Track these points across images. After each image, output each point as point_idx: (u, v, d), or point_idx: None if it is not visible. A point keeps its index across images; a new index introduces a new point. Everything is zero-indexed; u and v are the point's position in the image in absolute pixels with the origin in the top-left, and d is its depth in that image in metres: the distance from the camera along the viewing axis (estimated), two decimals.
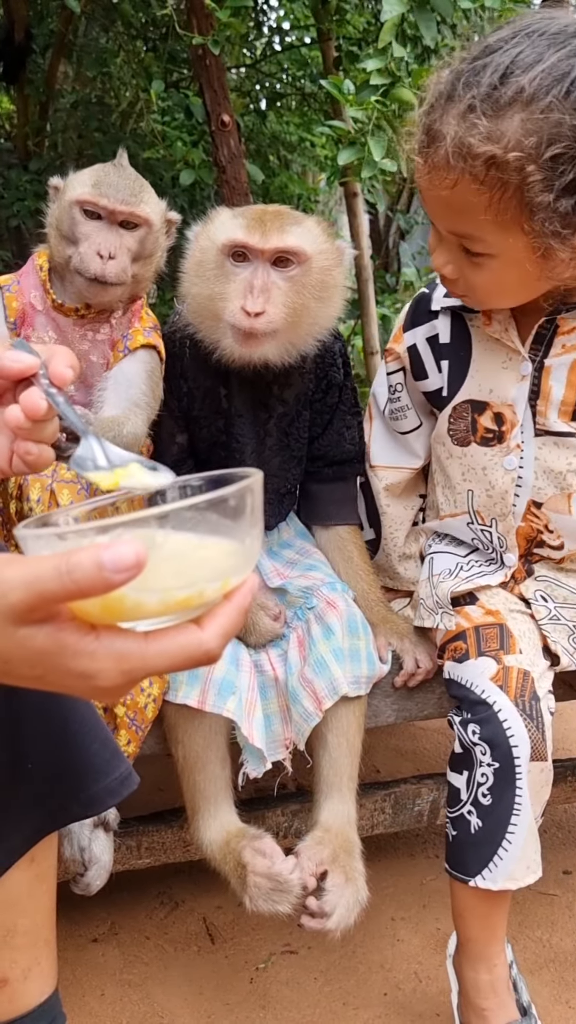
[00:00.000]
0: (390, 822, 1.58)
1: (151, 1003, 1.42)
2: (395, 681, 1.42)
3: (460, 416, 1.39)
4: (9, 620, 0.63)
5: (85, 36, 5.95)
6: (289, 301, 1.26)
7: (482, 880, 1.22)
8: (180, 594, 0.62)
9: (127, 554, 0.58)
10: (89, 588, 0.60)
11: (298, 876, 1.20)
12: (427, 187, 1.16)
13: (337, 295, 1.34)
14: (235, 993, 1.45)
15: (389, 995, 1.45)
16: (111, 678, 0.64)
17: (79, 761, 1.04)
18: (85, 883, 1.27)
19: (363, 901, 1.25)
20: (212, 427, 1.43)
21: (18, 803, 1.01)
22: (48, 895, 1.10)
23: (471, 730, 1.24)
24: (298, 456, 1.48)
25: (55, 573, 0.60)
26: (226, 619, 0.66)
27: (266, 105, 6.36)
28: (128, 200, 1.29)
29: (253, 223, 1.26)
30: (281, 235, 1.25)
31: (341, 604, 1.37)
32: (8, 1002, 1.06)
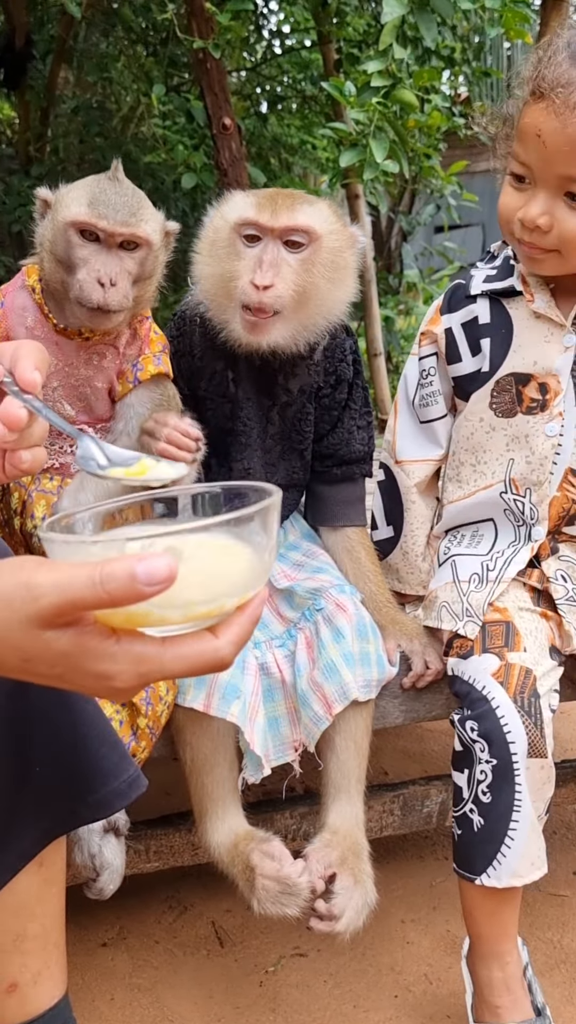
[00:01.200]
0: (399, 824, 1.58)
1: (161, 1007, 1.42)
2: (403, 682, 1.42)
3: (504, 389, 1.42)
4: (35, 623, 0.65)
5: (85, 41, 5.97)
6: (299, 279, 1.26)
7: (487, 878, 1.23)
8: (202, 608, 0.65)
9: (160, 567, 0.60)
10: (121, 598, 0.62)
11: (307, 879, 1.20)
12: (554, 128, 1.21)
13: (348, 277, 1.34)
14: (245, 996, 1.45)
15: (399, 997, 1.45)
16: (128, 680, 0.67)
17: (87, 764, 1.04)
18: (98, 888, 1.26)
19: (372, 903, 1.25)
20: (218, 411, 1.43)
21: (27, 807, 1.01)
22: (57, 899, 1.10)
23: (469, 727, 1.24)
24: (299, 449, 1.47)
25: (88, 582, 0.62)
26: (240, 628, 0.69)
27: (267, 108, 6.38)
28: (128, 221, 1.22)
29: (264, 202, 1.28)
30: (291, 213, 1.26)
31: (350, 607, 1.36)
32: (18, 1006, 1.06)
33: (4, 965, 1.05)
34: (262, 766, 1.30)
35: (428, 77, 3.44)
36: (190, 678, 1.29)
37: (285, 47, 6.19)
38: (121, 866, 1.27)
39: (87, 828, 1.23)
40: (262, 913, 1.21)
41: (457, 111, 4.45)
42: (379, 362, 5.64)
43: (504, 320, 1.44)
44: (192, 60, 3.97)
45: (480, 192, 6.02)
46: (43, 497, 1.29)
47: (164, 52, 5.34)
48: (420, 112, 3.48)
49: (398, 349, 6.89)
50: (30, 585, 0.65)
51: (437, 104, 3.72)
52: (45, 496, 1.29)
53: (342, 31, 4.63)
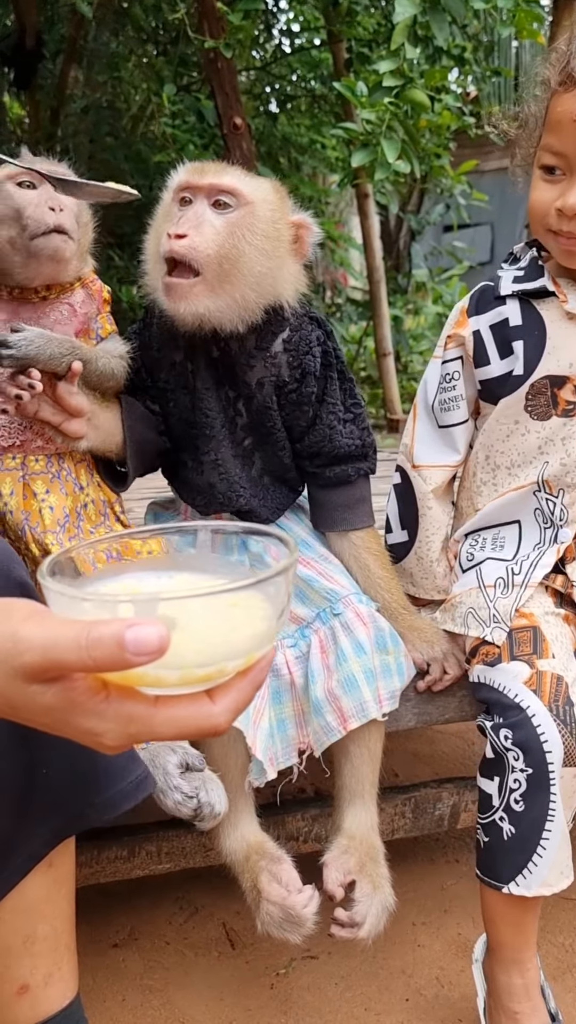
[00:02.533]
0: (410, 826, 1.57)
1: (172, 1008, 1.42)
2: (419, 685, 1.41)
3: (539, 392, 1.41)
4: (20, 676, 0.63)
5: (96, 41, 5.98)
6: (222, 240, 1.24)
7: (515, 887, 1.22)
8: (201, 672, 0.62)
9: (150, 637, 0.58)
10: (107, 666, 0.59)
11: (311, 910, 1.19)
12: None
13: (283, 252, 1.30)
14: (256, 998, 1.44)
15: (411, 1001, 1.44)
16: (115, 738, 0.65)
17: (94, 765, 1.04)
18: (207, 804, 1.18)
19: (391, 907, 1.25)
20: (180, 403, 1.40)
21: (35, 809, 1.01)
22: (67, 900, 1.10)
23: (503, 735, 1.23)
24: (271, 442, 1.42)
25: (74, 645, 0.60)
26: (239, 694, 0.66)
27: (277, 108, 6.37)
28: (56, 168, 1.27)
29: (197, 166, 1.29)
30: (218, 175, 1.26)
31: (368, 618, 1.34)
32: (30, 1008, 1.06)
33: (14, 967, 1.05)
34: (264, 771, 1.29)
35: (439, 77, 3.43)
36: None
37: (295, 46, 6.19)
38: (218, 783, 1.20)
39: (163, 773, 1.18)
40: (264, 933, 1.21)
41: (467, 110, 4.44)
42: (388, 362, 5.64)
43: (536, 322, 1.42)
44: (203, 60, 3.97)
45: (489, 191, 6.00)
46: (7, 475, 1.28)
47: (174, 52, 5.34)
48: (431, 112, 3.47)
49: (407, 349, 6.88)
50: (16, 638, 0.63)
51: (448, 104, 3.70)
52: (9, 474, 1.28)
53: (352, 30, 4.62)
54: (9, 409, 1.26)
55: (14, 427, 1.29)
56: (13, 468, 1.28)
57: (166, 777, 1.19)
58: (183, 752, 1.21)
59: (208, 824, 1.19)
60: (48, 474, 1.29)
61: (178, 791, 1.18)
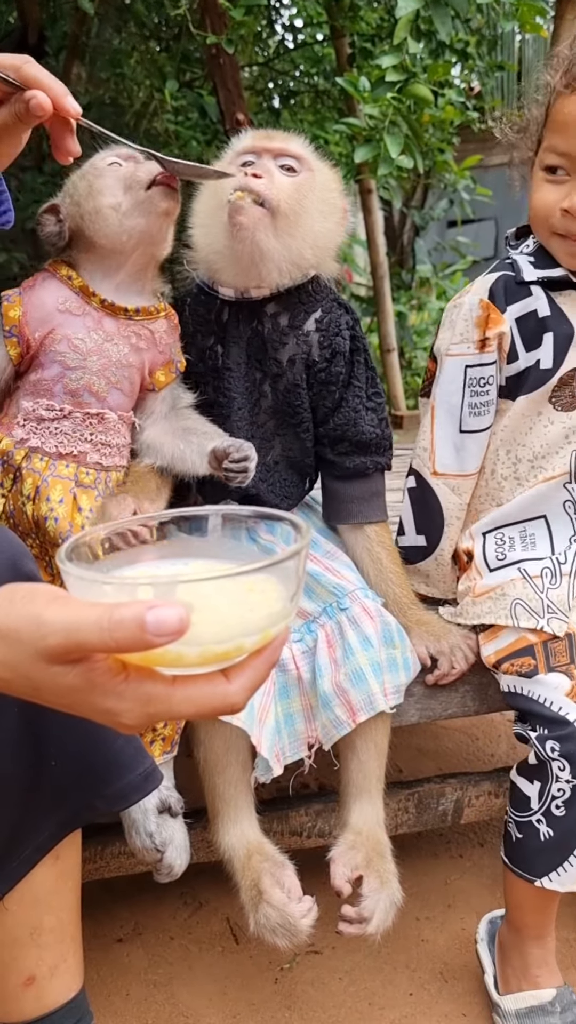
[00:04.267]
0: (414, 821, 1.57)
1: (176, 1003, 1.43)
2: (427, 679, 1.41)
3: (565, 383, 1.40)
4: (43, 658, 0.65)
5: (98, 37, 5.97)
6: (288, 195, 1.29)
7: (548, 882, 1.26)
8: (220, 648, 0.63)
9: (171, 618, 0.59)
10: (128, 647, 0.61)
11: (308, 922, 1.19)
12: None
13: (338, 218, 1.37)
14: (260, 993, 1.45)
15: (415, 995, 1.45)
16: (134, 718, 0.66)
17: (102, 758, 1.05)
18: (167, 866, 1.24)
19: (399, 901, 1.25)
20: (208, 387, 1.42)
21: (43, 800, 1.02)
22: (73, 892, 1.11)
23: (550, 747, 1.24)
24: (294, 424, 1.43)
25: (96, 627, 0.61)
26: (254, 673, 0.68)
27: (280, 103, 6.36)
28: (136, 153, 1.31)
29: (261, 132, 1.37)
30: (286, 140, 1.34)
31: (375, 612, 1.35)
32: (35, 1000, 1.07)
33: (21, 958, 1.06)
34: (269, 769, 1.29)
35: (442, 72, 3.42)
36: None
37: (298, 42, 6.17)
38: (184, 841, 1.25)
39: (140, 810, 1.21)
40: (257, 934, 1.21)
41: (471, 105, 4.43)
42: (392, 358, 5.63)
43: (561, 313, 1.40)
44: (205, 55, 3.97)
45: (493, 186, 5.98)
46: (59, 482, 1.29)
47: (177, 48, 5.33)
48: (434, 107, 3.46)
49: (411, 344, 6.87)
50: (39, 621, 0.64)
51: (451, 99, 3.70)
52: (61, 481, 1.30)
53: (355, 25, 4.60)
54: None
55: (75, 436, 1.31)
56: (66, 477, 1.30)
57: (144, 816, 1.22)
58: (167, 793, 1.23)
59: (162, 879, 1.25)
60: (95, 490, 1.30)
61: (149, 837, 1.22)
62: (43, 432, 1.30)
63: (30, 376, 1.32)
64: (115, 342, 1.32)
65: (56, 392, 1.31)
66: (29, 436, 1.30)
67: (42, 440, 1.30)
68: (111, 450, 1.34)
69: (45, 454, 1.30)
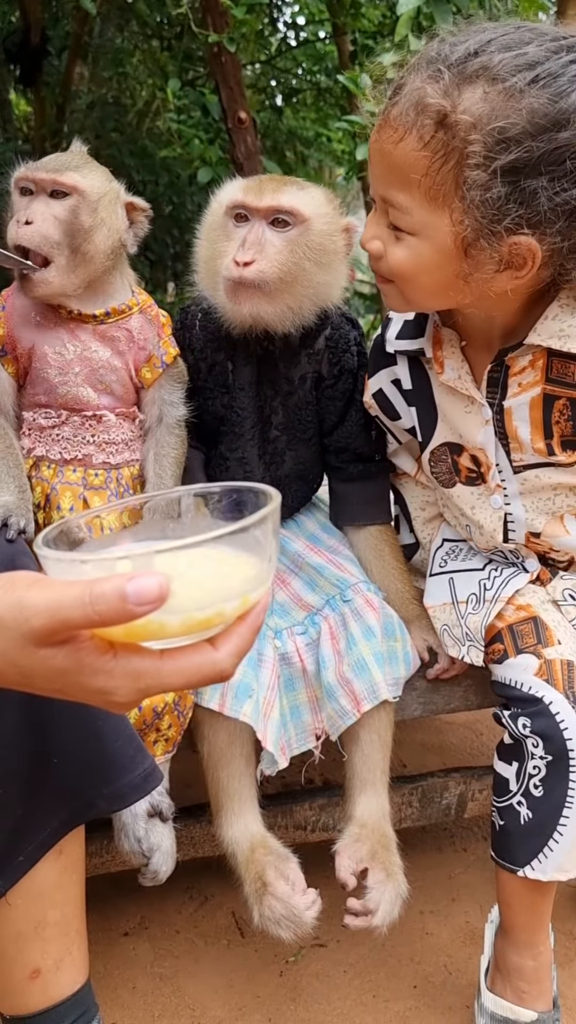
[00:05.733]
0: (417, 816, 1.58)
1: (182, 996, 1.44)
2: (428, 673, 1.42)
3: (440, 459, 1.38)
4: (30, 641, 0.65)
5: (100, 37, 5.98)
6: (283, 259, 1.27)
7: (531, 870, 1.23)
8: (201, 615, 0.64)
9: (150, 587, 0.60)
10: (112, 619, 0.61)
11: (312, 914, 1.20)
12: (374, 142, 1.13)
13: (337, 262, 1.34)
14: (265, 986, 1.46)
15: (419, 987, 1.45)
16: (126, 694, 0.67)
17: (103, 757, 1.06)
18: (152, 871, 1.25)
19: (404, 894, 1.26)
20: (216, 402, 1.43)
21: (46, 798, 1.03)
22: (77, 887, 1.12)
23: (521, 723, 1.23)
24: (305, 439, 1.46)
25: (78, 603, 0.62)
26: (240, 639, 0.69)
27: (282, 101, 6.36)
28: (56, 169, 1.24)
29: (252, 185, 1.31)
30: (276, 195, 1.28)
31: (378, 604, 1.37)
32: (41, 992, 1.08)
33: (26, 952, 1.07)
34: (274, 762, 1.30)
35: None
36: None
37: (299, 39, 6.17)
38: (171, 848, 1.26)
39: (131, 814, 1.23)
40: (261, 927, 1.22)
41: None
42: None
43: (425, 385, 1.36)
44: (207, 54, 3.97)
45: None
46: (68, 489, 1.30)
47: (179, 46, 5.34)
48: None
49: None
50: (22, 605, 0.65)
51: None
52: (70, 488, 1.31)
53: (357, 22, 4.61)
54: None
55: (77, 440, 1.32)
56: (74, 482, 1.31)
57: (134, 819, 1.23)
58: (159, 798, 1.25)
59: (146, 883, 1.26)
60: (107, 490, 1.32)
61: (137, 842, 1.23)
62: (46, 440, 1.31)
63: (26, 389, 1.33)
64: (93, 349, 1.31)
65: (50, 404, 1.31)
66: (35, 445, 1.32)
67: (47, 448, 1.31)
68: (116, 447, 1.35)
69: (51, 461, 1.31)
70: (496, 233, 1.04)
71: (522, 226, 1.03)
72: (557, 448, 1.25)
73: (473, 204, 1.03)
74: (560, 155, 1.00)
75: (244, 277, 1.25)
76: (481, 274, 1.09)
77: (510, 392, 1.26)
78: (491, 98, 1.01)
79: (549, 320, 1.19)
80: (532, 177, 1.01)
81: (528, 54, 1.02)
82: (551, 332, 1.19)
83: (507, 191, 1.01)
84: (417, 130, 1.05)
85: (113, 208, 1.30)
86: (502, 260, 1.07)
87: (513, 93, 1.00)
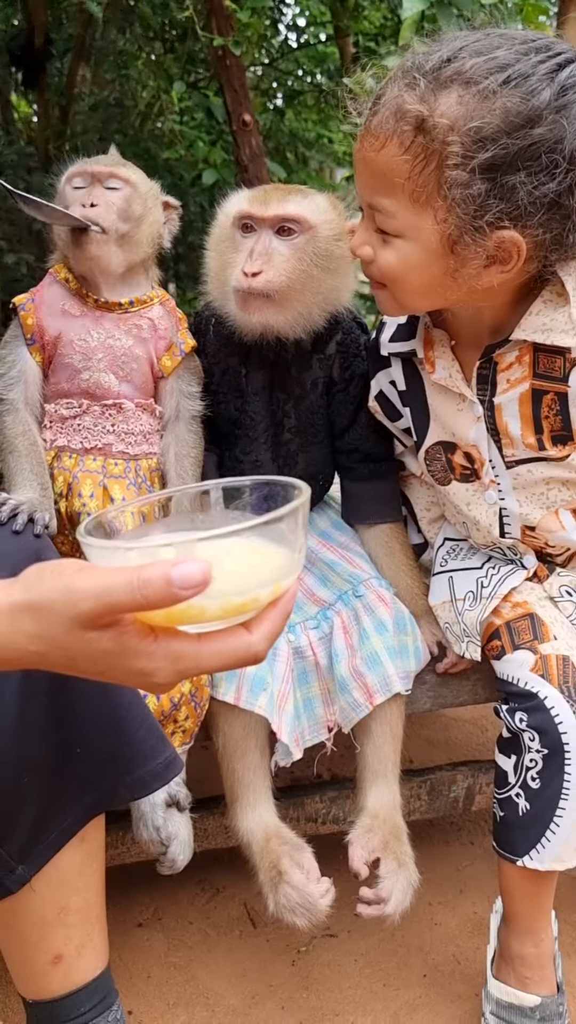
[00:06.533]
0: (426, 808, 1.61)
1: (196, 984, 1.46)
2: (437, 667, 1.45)
3: (435, 457, 1.40)
4: (77, 625, 0.69)
5: (103, 39, 6.00)
6: (291, 268, 1.29)
7: (529, 860, 1.25)
8: (238, 600, 0.67)
9: (195, 571, 0.63)
10: (158, 602, 0.65)
11: (327, 902, 1.23)
12: (358, 151, 1.16)
13: (344, 266, 1.36)
14: (278, 975, 1.48)
15: (429, 976, 1.48)
16: (166, 676, 0.70)
17: (125, 745, 1.08)
18: (170, 860, 1.28)
19: (415, 883, 1.28)
20: (230, 405, 1.46)
21: (69, 786, 1.05)
22: (98, 874, 1.14)
23: (518, 717, 1.26)
24: (316, 442, 1.49)
25: (127, 587, 0.65)
26: (272, 623, 0.72)
27: (284, 103, 6.38)
28: (109, 163, 1.36)
29: (258, 195, 1.33)
30: (282, 204, 1.30)
31: (389, 600, 1.39)
32: (63, 977, 1.11)
33: (49, 937, 1.09)
34: (289, 753, 1.33)
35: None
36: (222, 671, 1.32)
37: (301, 41, 6.19)
38: (189, 837, 1.30)
39: (149, 804, 1.26)
40: (276, 915, 1.25)
41: None
42: None
43: (418, 385, 1.38)
44: (211, 57, 4.00)
45: None
46: (88, 477, 1.34)
47: (182, 49, 5.36)
48: None
49: None
50: (70, 589, 0.68)
51: None
52: (90, 476, 1.34)
53: (359, 24, 4.63)
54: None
55: (97, 429, 1.35)
56: (94, 470, 1.34)
57: (152, 809, 1.27)
58: (176, 788, 1.28)
59: (164, 871, 1.30)
60: (125, 479, 1.35)
61: (155, 831, 1.26)
62: (68, 430, 1.35)
63: (49, 379, 1.36)
64: (117, 337, 1.36)
65: (72, 392, 1.35)
66: (56, 436, 1.35)
67: (68, 438, 1.35)
68: (135, 438, 1.38)
69: (72, 451, 1.34)
70: (479, 228, 1.07)
71: (504, 220, 1.07)
72: (547, 442, 1.28)
73: (455, 202, 1.07)
74: (535, 151, 1.04)
75: (253, 287, 1.28)
76: (468, 270, 1.12)
77: (499, 388, 1.28)
78: (466, 101, 1.05)
79: (533, 316, 1.22)
80: (510, 173, 1.05)
81: (498, 58, 1.06)
82: (535, 327, 1.22)
83: (487, 187, 1.05)
84: (397, 136, 1.09)
85: (156, 202, 1.41)
86: (488, 255, 1.10)
87: (487, 95, 1.04)
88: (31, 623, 0.71)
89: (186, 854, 1.29)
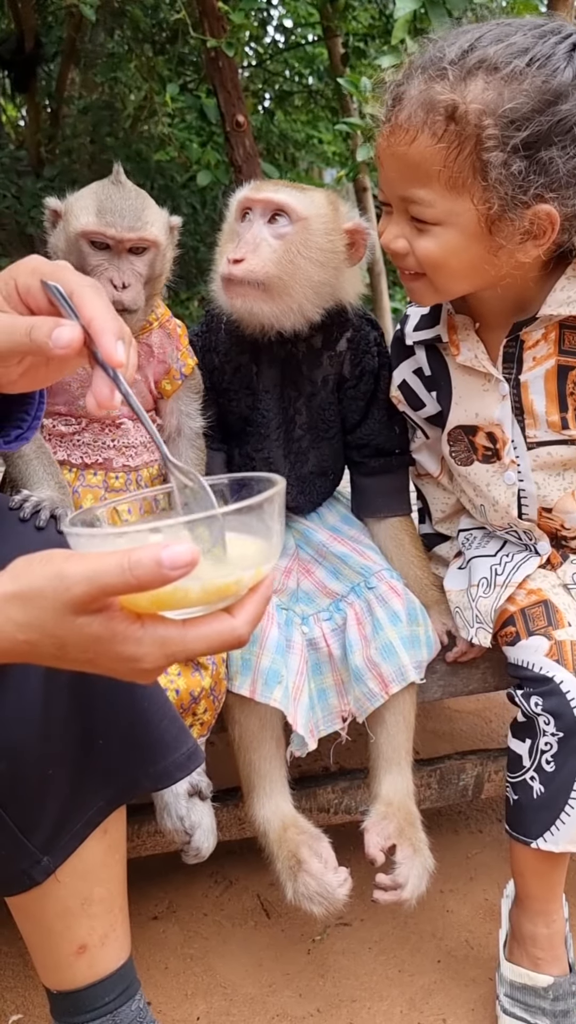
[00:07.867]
0: (436, 797, 1.63)
1: (213, 974, 1.48)
2: (447, 657, 1.47)
3: (457, 439, 1.43)
4: (69, 610, 0.70)
5: (92, 42, 6.01)
6: (276, 258, 1.29)
7: (543, 842, 1.28)
8: (221, 581, 0.70)
9: (184, 553, 0.66)
10: (148, 582, 0.67)
11: (344, 891, 1.25)
12: (385, 148, 1.19)
13: (339, 262, 1.35)
14: (294, 964, 1.50)
15: (443, 962, 1.50)
16: (154, 660, 0.72)
17: (147, 737, 1.10)
18: (195, 848, 1.30)
19: (431, 868, 1.30)
20: (241, 403, 1.48)
21: (92, 777, 1.07)
22: (120, 865, 1.16)
23: (534, 701, 1.28)
24: (328, 438, 1.51)
25: (118, 569, 0.67)
26: (254, 607, 0.74)
27: (273, 104, 6.40)
28: (134, 226, 1.27)
29: (257, 183, 1.35)
30: (274, 192, 1.31)
31: (401, 591, 1.42)
32: (88, 967, 1.12)
33: (74, 928, 1.11)
34: (305, 744, 1.35)
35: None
36: (237, 664, 1.34)
37: (290, 42, 6.21)
38: (212, 825, 1.31)
39: (172, 794, 1.27)
40: (294, 903, 1.27)
41: None
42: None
43: (443, 370, 1.41)
44: (204, 58, 4.01)
45: None
46: (89, 491, 1.34)
47: (172, 51, 5.37)
48: None
49: None
50: (61, 575, 0.70)
51: None
52: (91, 491, 1.35)
53: (348, 24, 4.66)
54: None
55: (97, 445, 1.36)
56: (95, 485, 1.35)
57: (175, 799, 1.28)
58: (198, 778, 1.29)
59: (189, 860, 1.31)
60: (127, 491, 1.36)
61: (179, 820, 1.28)
62: (67, 445, 1.35)
63: (47, 400, 1.36)
64: None
65: (70, 412, 1.35)
66: (56, 450, 1.35)
67: (68, 452, 1.35)
68: (136, 450, 1.39)
69: (72, 465, 1.35)
70: (522, 204, 1.12)
71: (544, 194, 1.11)
72: (572, 421, 1.31)
73: (496, 182, 1.11)
74: (565, 124, 1.09)
75: (233, 274, 1.28)
76: (509, 246, 1.16)
77: (525, 366, 1.32)
78: (494, 85, 1.10)
79: (558, 291, 1.26)
80: (545, 148, 1.09)
81: (517, 43, 1.11)
82: (560, 302, 1.26)
83: (526, 164, 1.10)
84: (429, 127, 1.12)
85: (171, 240, 1.37)
86: (524, 232, 1.15)
87: (514, 77, 1.09)
88: (20, 612, 0.72)
89: (210, 842, 1.31)
